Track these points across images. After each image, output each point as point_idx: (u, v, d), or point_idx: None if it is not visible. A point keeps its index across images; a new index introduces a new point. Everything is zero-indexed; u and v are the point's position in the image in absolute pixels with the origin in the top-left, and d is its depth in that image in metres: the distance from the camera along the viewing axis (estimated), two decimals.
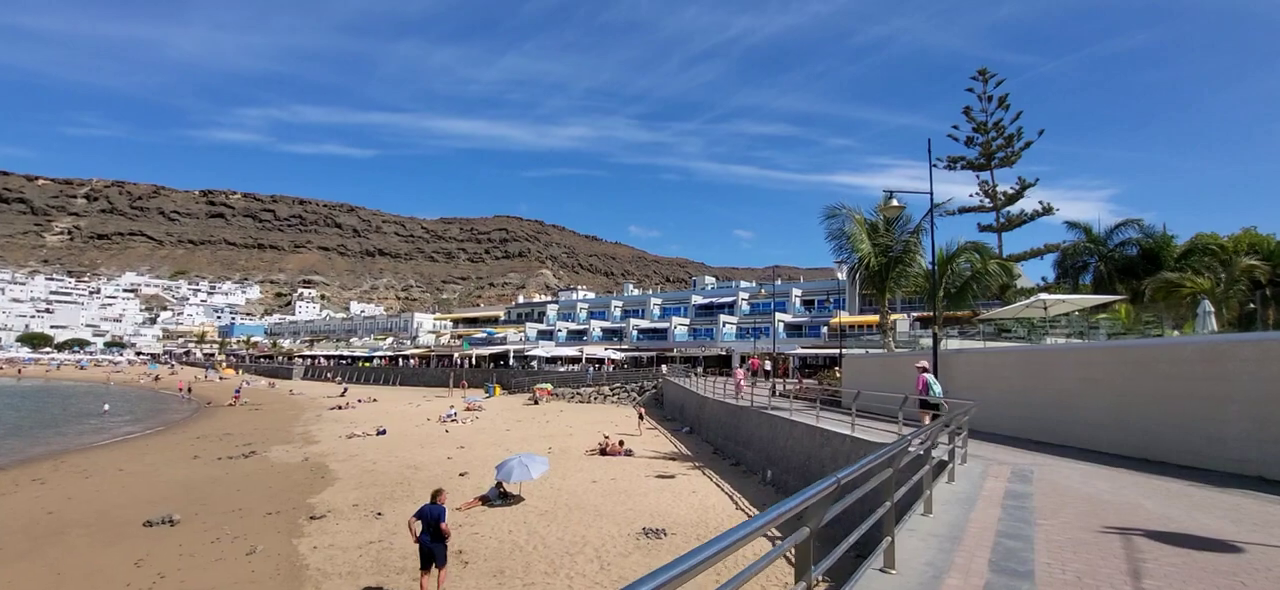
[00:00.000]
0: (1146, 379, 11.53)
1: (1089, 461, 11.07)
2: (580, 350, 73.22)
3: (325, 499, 18.25)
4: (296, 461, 24.92)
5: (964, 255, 23.34)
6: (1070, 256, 30.97)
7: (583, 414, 41.23)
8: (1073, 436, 13.01)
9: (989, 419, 15.83)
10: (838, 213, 23.09)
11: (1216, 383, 10.16)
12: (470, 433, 31.95)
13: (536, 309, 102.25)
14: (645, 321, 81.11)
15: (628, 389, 51.43)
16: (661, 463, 23.25)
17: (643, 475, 20.61)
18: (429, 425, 35.51)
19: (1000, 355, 16.32)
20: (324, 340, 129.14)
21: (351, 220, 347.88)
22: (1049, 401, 13.92)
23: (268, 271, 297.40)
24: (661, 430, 33.41)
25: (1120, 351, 12.38)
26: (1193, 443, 10.44)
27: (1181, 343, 11.21)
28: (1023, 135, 35.29)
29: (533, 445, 27.16)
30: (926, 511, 6.87)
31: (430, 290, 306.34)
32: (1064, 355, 14.01)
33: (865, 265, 22.60)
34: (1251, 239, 29.67)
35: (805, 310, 68.84)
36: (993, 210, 35.48)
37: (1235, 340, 10.27)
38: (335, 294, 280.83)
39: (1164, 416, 11.00)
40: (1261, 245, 28.82)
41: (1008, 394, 15.39)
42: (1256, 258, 27.12)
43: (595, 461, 23.40)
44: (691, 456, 24.90)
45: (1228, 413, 9.90)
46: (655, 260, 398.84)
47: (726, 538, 2.10)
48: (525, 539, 13.73)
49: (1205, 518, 7.01)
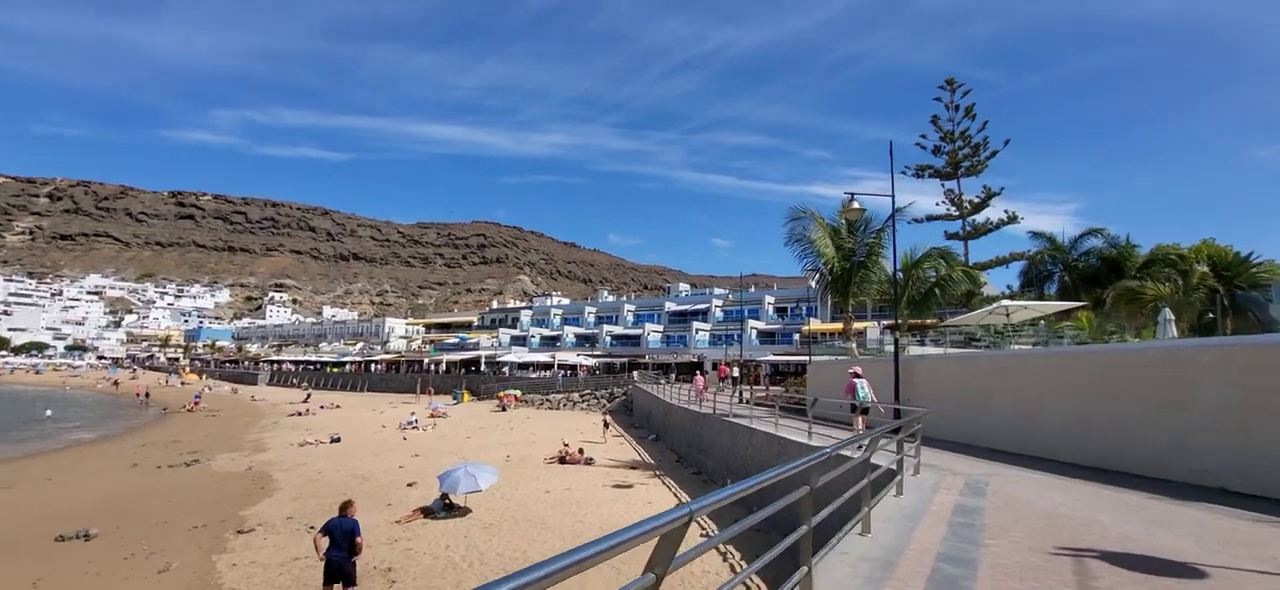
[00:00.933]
0: (1107, 386, 11.12)
1: (1048, 472, 10.60)
2: (553, 356, 72.23)
3: (259, 511, 17.21)
4: (240, 470, 23.73)
5: (929, 261, 23.01)
6: (1035, 265, 31.11)
7: (550, 421, 40.32)
8: (1033, 445, 12.58)
9: (950, 427, 15.38)
10: (800, 216, 22.62)
11: (1177, 389, 9.75)
12: (429, 441, 30.89)
13: (510, 315, 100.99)
14: (619, 328, 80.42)
15: (598, 396, 50.58)
16: (622, 472, 22.51)
17: (600, 485, 19.85)
18: (387, 433, 34.35)
19: (961, 362, 15.91)
20: (292, 345, 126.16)
21: (325, 223, 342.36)
22: (1009, 409, 13.49)
23: (238, 275, 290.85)
24: (628, 438, 32.67)
25: (1080, 358, 11.97)
26: (1154, 452, 10.02)
27: (1142, 349, 10.81)
28: (989, 145, 35.41)
29: (492, 453, 26.25)
30: (864, 531, 6.26)
31: (406, 295, 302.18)
32: (1024, 362, 13.59)
33: (829, 270, 22.18)
34: (1209, 250, 29.94)
35: (778, 317, 68.71)
36: (959, 218, 35.44)
37: (1196, 346, 9.88)
38: (308, 298, 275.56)
39: (1125, 425, 10.58)
40: (1219, 256, 29.10)
41: (968, 401, 14.95)
42: (1213, 267, 27.32)
43: (553, 470, 22.58)
44: (654, 465, 24.20)
45: (1189, 421, 9.49)
46: (633, 267, 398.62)
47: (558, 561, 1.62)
48: (462, 555, 12.90)
49: (1166, 537, 6.49)
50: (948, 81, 36.79)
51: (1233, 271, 27.57)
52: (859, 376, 13.08)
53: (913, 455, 9.97)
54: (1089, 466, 10.99)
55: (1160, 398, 10.01)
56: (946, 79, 36.80)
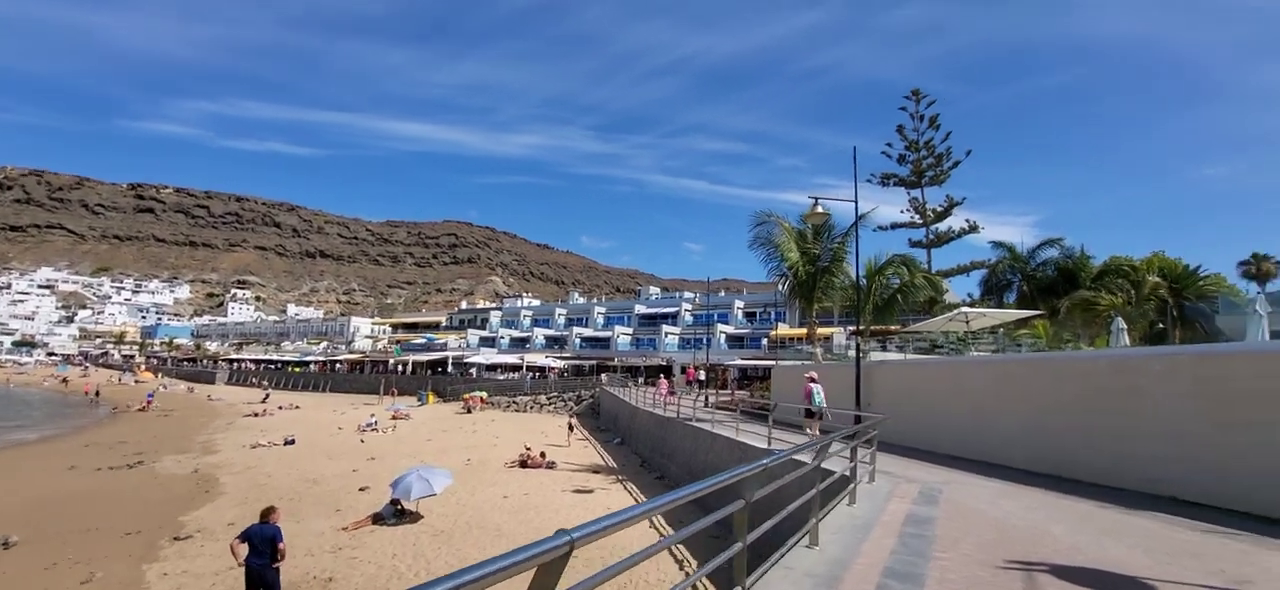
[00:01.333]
0: (1060, 393, 11.14)
1: (1002, 479, 10.56)
2: (522, 358, 71.44)
3: (199, 516, 16.44)
4: (185, 473, 22.76)
5: (892, 267, 23.15)
6: (995, 274, 31.71)
7: (515, 423, 39.69)
8: (989, 452, 12.57)
9: (909, 432, 15.36)
10: (766, 220, 22.58)
11: (1128, 398, 9.78)
12: (388, 443, 30.08)
13: (479, 316, 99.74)
14: (589, 330, 79.93)
15: (565, 398, 50.06)
16: (584, 476, 22.12)
17: (560, 489, 19.44)
18: (345, 435, 33.38)
19: (920, 368, 15.93)
20: (254, 344, 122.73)
21: (292, 220, 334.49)
22: (967, 415, 13.49)
23: (200, 271, 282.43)
24: (593, 441, 32.27)
25: (1034, 365, 12.00)
26: (1105, 460, 10.04)
27: (1094, 357, 10.86)
28: (951, 155, 35.99)
29: (452, 457, 25.64)
30: (811, 543, 6.03)
31: (374, 295, 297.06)
32: (981, 368, 13.62)
33: (793, 274, 22.14)
34: (1160, 262, 30.84)
35: (747, 322, 68.98)
36: (923, 226, 35.93)
37: (1146, 355, 9.94)
38: (271, 296, 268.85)
39: (1077, 432, 10.60)
40: (1169, 268, 29.96)
41: (927, 407, 14.95)
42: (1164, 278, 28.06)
43: (513, 474, 22.10)
44: (617, 470, 23.86)
45: (1139, 429, 9.51)
46: (606, 270, 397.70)
47: None
48: (409, 564, 12.40)
49: (1115, 547, 6.39)
50: (913, 92, 37.29)
51: (1182, 283, 28.39)
52: (815, 382, 13.03)
53: (868, 462, 9.83)
54: (1043, 474, 10.99)
55: (1112, 406, 10.04)
56: (912, 90, 37.32)
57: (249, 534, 9.36)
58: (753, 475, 4.03)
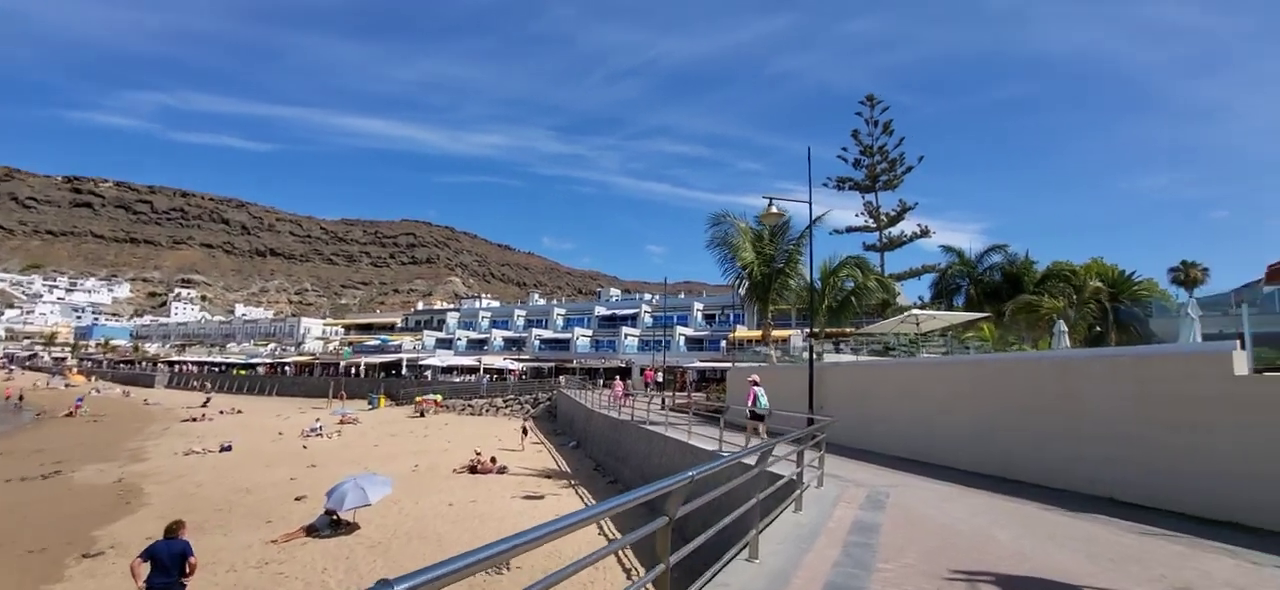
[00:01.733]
0: (1004, 395, 11.19)
1: (950, 482, 10.50)
2: (478, 360, 70.09)
3: (115, 531, 15.32)
4: (106, 483, 21.32)
5: (846, 270, 23.29)
6: (946, 278, 32.36)
7: (469, 427, 38.72)
8: (937, 454, 12.58)
9: (861, 435, 15.34)
10: (722, 220, 22.43)
11: (1070, 400, 9.82)
12: (332, 450, 28.87)
13: (436, 317, 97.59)
14: (548, 332, 79.02)
15: (522, 401, 49.18)
16: (536, 481, 21.54)
17: (509, 496, 18.84)
18: (286, 440, 31.95)
19: (871, 370, 15.95)
20: (197, 345, 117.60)
21: (241, 216, 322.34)
22: (915, 418, 13.50)
23: (141, 269, 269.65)
24: (548, 445, 31.65)
25: (979, 367, 12.05)
26: (1049, 462, 10.07)
27: (1036, 358, 10.95)
28: (905, 160, 36.64)
29: (400, 463, 24.73)
30: (752, 556, 5.72)
31: (328, 295, 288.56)
32: (929, 370, 13.66)
33: (749, 275, 22.06)
34: (1099, 268, 31.98)
35: (707, 324, 69.12)
36: (876, 230, 36.49)
37: (1087, 356, 10.04)
38: (218, 295, 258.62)
39: (1022, 434, 10.63)
40: (1106, 273, 31.05)
41: (879, 410, 14.94)
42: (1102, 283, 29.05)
43: (462, 481, 21.37)
44: (570, 474, 23.35)
45: (1081, 430, 9.55)
46: (567, 272, 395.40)
47: None
48: (340, 578, 11.70)
49: (1059, 554, 6.27)
50: (867, 98, 37.86)
51: (1118, 288, 29.43)
52: (757, 385, 12.91)
53: (816, 466, 9.63)
54: (989, 475, 10.99)
55: (1055, 408, 10.07)
56: (867, 95, 37.87)
57: (153, 551, 8.59)
58: (677, 488, 3.67)
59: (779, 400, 19.53)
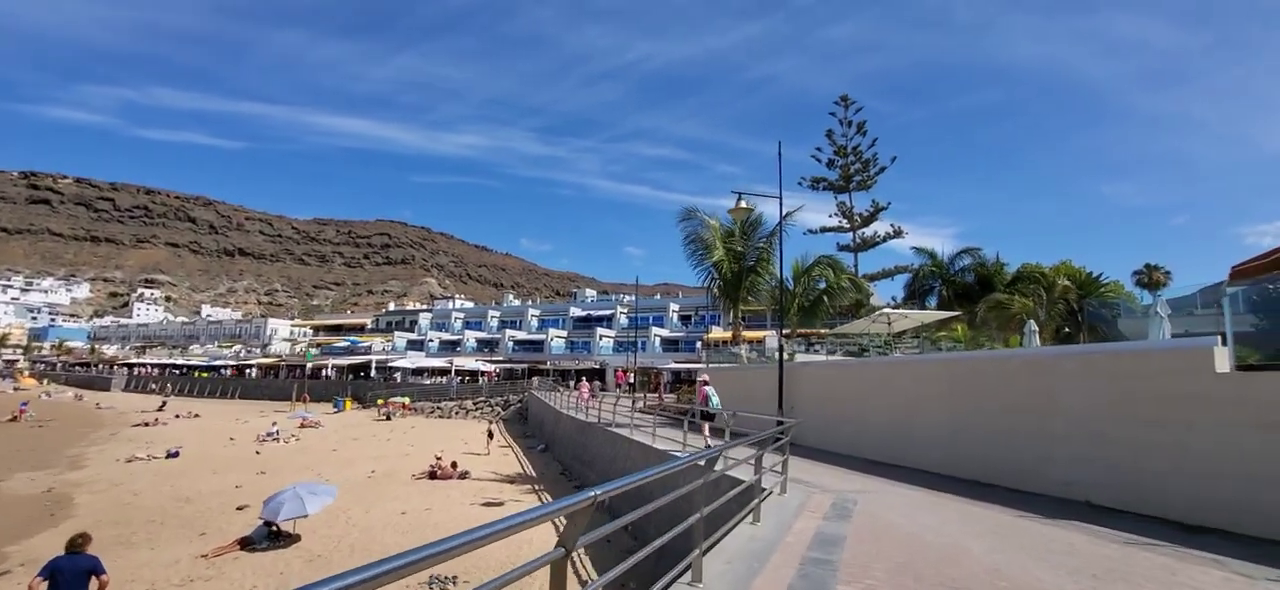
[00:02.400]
0: (976, 395, 10.70)
1: (922, 486, 9.96)
2: (450, 362, 68.76)
3: (33, 545, 14.14)
4: (35, 493, 19.96)
5: (818, 269, 22.82)
6: (919, 280, 32.54)
7: (436, 430, 37.63)
8: (908, 456, 12.07)
9: (832, 436, 14.82)
10: (692, 216, 21.78)
11: (1043, 399, 9.34)
12: (287, 455, 27.63)
13: (408, 318, 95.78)
14: (522, 333, 77.86)
15: (492, 403, 48.15)
16: (499, 487, 20.70)
17: (467, 503, 17.97)
18: (240, 445, 30.57)
19: (842, 369, 15.43)
20: (159, 347, 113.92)
21: (208, 215, 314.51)
22: (886, 419, 12.99)
23: (102, 268, 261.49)
24: (516, 448, 30.78)
25: (950, 365, 11.57)
26: (1023, 463, 9.58)
27: (1008, 356, 10.48)
28: (878, 160, 36.47)
29: (357, 468, 23.70)
30: (695, 580, 5.04)
31: (299, 296, 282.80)
32: (899, 369, 13.17)
33: (719, 272, 21.47)
34: (1067, 269, 32.37)
35: (682, 325, 68.66)
36: (850, 231, 36.27)
37: (1059, 353, 9.57)
38: (184, 296, 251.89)
39: (995, 435, 10.14)
40: (1074, 275, 31.40)
41: (848, 410, 14.42)
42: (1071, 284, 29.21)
43: (420, 487, 20.45)
44: (536, 479, 22.54)
45: (1055, 431, 9.07)
46: (545, 273, 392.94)
47: None
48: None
49: (1037, 567, 5.70)
50: (841, 98, 37.64)
51: (1085, 289, 29.62)
52: (707, 384, 12.42)
53: (780, 471, 9.01)
54: (962, 479, 10.50)
55: (1028, 406, 9.59)
56: (841, 96, 37.68)
57: (55, 567, 7.61)
58: (579, 509, 2.99)
59: (749, 402, 18.99)
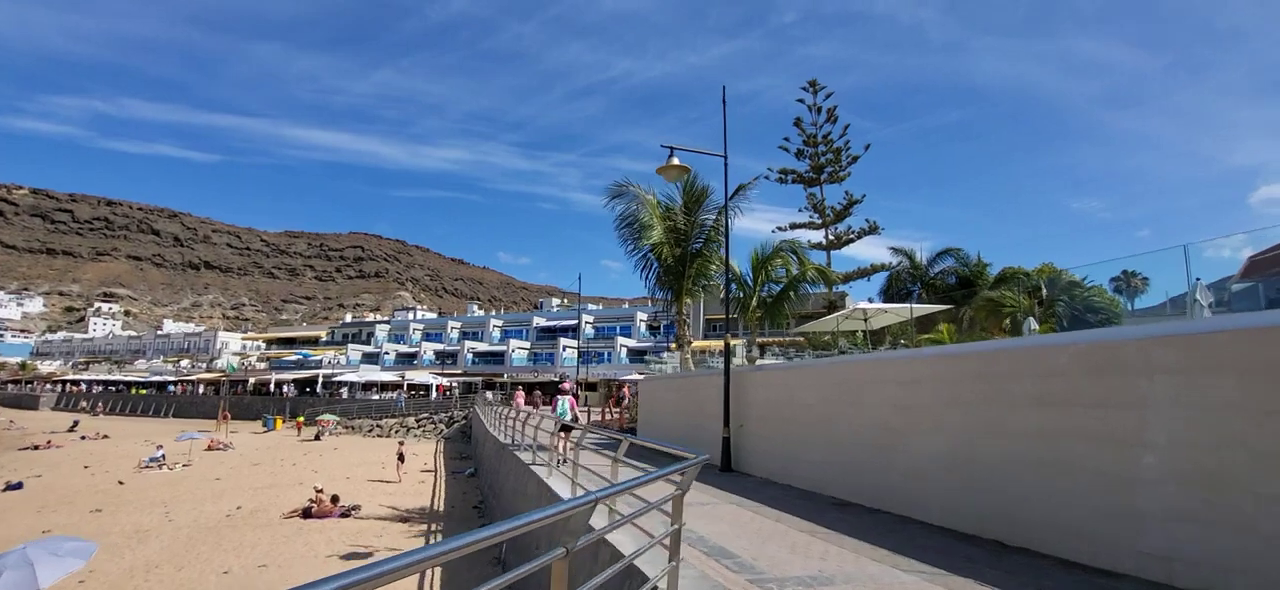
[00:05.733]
0: (999, 405, 6.98)
1: (912, 550, 6.21)
2: (402, 376, 64.20)
3: None
4: None
5: (779, 258, 19.06)
6: (896, 281, 30.15)
7: (361, 452, 33.28)
8: (892, 492, 8.32)
9: (789, 462, 11.06)
10: (624, 190, 17.68)
11: (1119, 413, 5.66)
12: (155, 486, 23.06)
13: (364, 329, 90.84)
14: (484, 345, 73.51)
15: (437, 419, 43.82)
16: (382, 528, 16.61)
17: (324, 555, 13.86)
18: (116, 473, 25.90)
19: (803, 374, 11.69)
20: (104, 362, 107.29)
21: (173, 227, 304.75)
22: (862, 438, 9.22)
23: (58, 282, 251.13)
24: (443, 473, 26.66)
25: (957, 362, 7.84)
26: (1083, 520, 5.86)
27: (1055, 345, 6.69)
28: (850, 149, 33.18)
29: (224, 502, 19.45)
30: None
31: (267, 310, 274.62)
32: (879, 369, 9.40)
33: (657, 258, 17.57)
34: (1050, 272, 30.18)
35: (650, 335, 64.98)
36: (822, 227, 32.87)
37: (1150, 336, 5.85)
38: (145, 310, 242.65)
39: (1032, 468, 6.43)
40: (1057, 278, 29.11)
41: (812, 430, 10.65)
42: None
43: (285, 529, 16.29)
44: (443, 515, 18.51)
45: (1141, 467, 5.39)
46: (523, 286, 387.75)
47: None
48: None
49: None
50: (810, 83, 34.32)
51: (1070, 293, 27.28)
52: (565, 393, 8.89)
53: (667, 539, 5.15)
54: (976, 537, 6.78)
55: (1089, 429, 5.90)
56: (809, 81, 34.32)
57: None
58: None
59: (696, 419, 15.24)
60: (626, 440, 6.92)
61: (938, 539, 6.80)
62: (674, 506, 4.67)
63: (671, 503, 4.68)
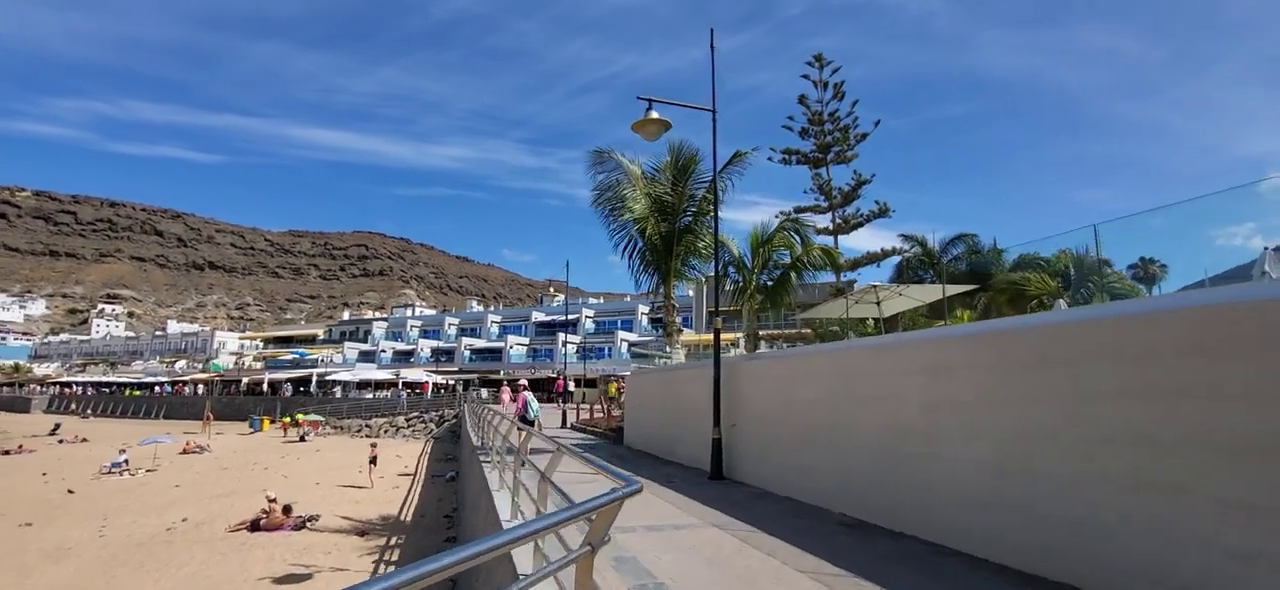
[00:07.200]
0: (1068, 399, 5.12)
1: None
2: (397, 374, 62.62)
3: None
4: None
5: (780, 237, 17.08)
6: (907, 269, 28.34)
7: (344, 453, 31.62)
8: (919, 511, 6.47)
9: (791, 474, 9.22)
10: (604, 159, 15.72)
11: (1247, 405, 3.81)
12: (108, 493, 21.33)
13: (361, 327, 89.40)
14: (481, 341, 71.92)
15: (427, 418, 42.18)
16: (337, 541, 14.86)
17: (256, 578, 12.10)
18: (70, 481, 24.28)
19: (804, 362, 9.78)
20: (101, 363, 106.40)
21: (176, 228, 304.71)
22: (877, 443, 7.36)
23: (61, 284, 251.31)
24: (421, 476, 24.97)
25: (1006, 339, 5.90)
26: (1199, 555, 4.02)
27: (1157, 311, 4.84)
28: (858, 125, 31.14)
29: (174, 511, 17.78)
30: None
31: (272, 310, 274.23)
32: (899, 355, 7.49)
33: (641, 235, 15.60)
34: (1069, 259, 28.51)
35: (653, 329, 63.14)
36: (829, 210, 30.88)
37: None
38: (149, 311, 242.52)
39: (1122, 489, 4.57)
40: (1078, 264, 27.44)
41: (817, 429, 8.78)
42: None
43: (228, 544, 14.58)
44: (408, 526, 16.76)
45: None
46: (528, 283, 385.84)
47: None
48: None
49: None
50: (815, 57, 32.22)
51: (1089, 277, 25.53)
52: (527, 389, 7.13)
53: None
54: (1039, 579, 4.93)
55: (1213, 426, 4.05)
56: (815, 55, 32.28)
57: None
58: None
59: (682, 419, 13.39)
60: (561, 452, 5.11)
61: (989, 581, 4.95)
62: (579, 575, 2.83)
63: (577, 566, 2.84)
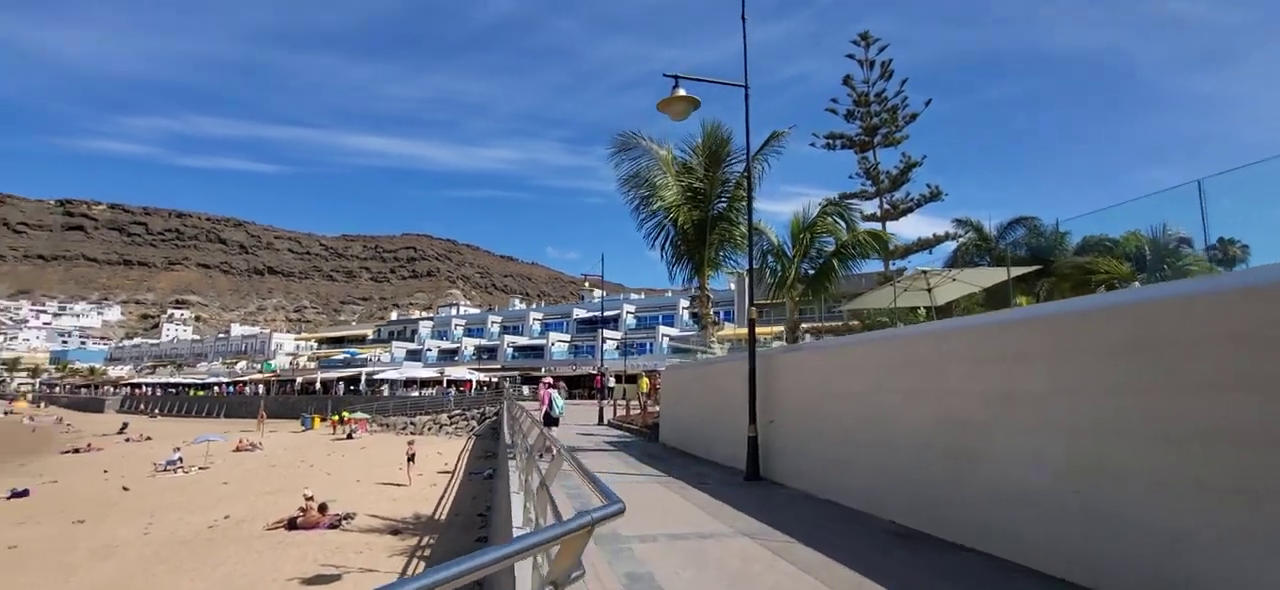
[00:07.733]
0: (1162, 393, 4.24)
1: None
2: (442, 372, 63.53)
3: None
4: None
5: (823, 223, 16.04)
6: (962, 255, 26.70)
7: (388, 451, 31.93)
8: (979, 520, 5.64)
9: (833, 473, 8.43)
10: (632, 144, 14.98)
11: None
12: (160, 491, 21.96)
13: (408, 327, 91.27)
14: (523, 338, 72.37)
15: (469, 416, 42.49)
16: (370, 540, 14.73)
17: (286, 579, 11.97)
18: (127, 478, 25.12)
19: (849, 353, 8.93)
20: (169, 365, 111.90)
21: (238, 235, 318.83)
22: (929, 442, 6.52)
23: (134, 291, 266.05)
24: (460, 474, 24.92)
25: (1091, 319, 5.00)
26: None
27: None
28: (908, 105, 29.65)
29: (216, 510, 18.03)
30: None
31: (327, 311, 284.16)
32: (958, 342, 6.61)
33: (674, 224, 14.84)
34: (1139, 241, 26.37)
35: (693, 323, 62.20)
36: (876, 195, 29.53)
37: None
38: (214, 315, 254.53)
39: (1239, 505, 3.71)
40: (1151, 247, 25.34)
41: (862, 425, 7.97)
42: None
43: (266, 542, 14.62)
44: (443, 526, 16.58)
45: None
46: (572, 280, 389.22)
47: None
48: None
49: None
50: (861, 36, 30.92)
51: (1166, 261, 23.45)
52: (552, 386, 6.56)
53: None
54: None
55: None
56: (861, 34, 30.95)
57: None
58: None
59: (718, 415, 12.67)
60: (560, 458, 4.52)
61: None
62: None
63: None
